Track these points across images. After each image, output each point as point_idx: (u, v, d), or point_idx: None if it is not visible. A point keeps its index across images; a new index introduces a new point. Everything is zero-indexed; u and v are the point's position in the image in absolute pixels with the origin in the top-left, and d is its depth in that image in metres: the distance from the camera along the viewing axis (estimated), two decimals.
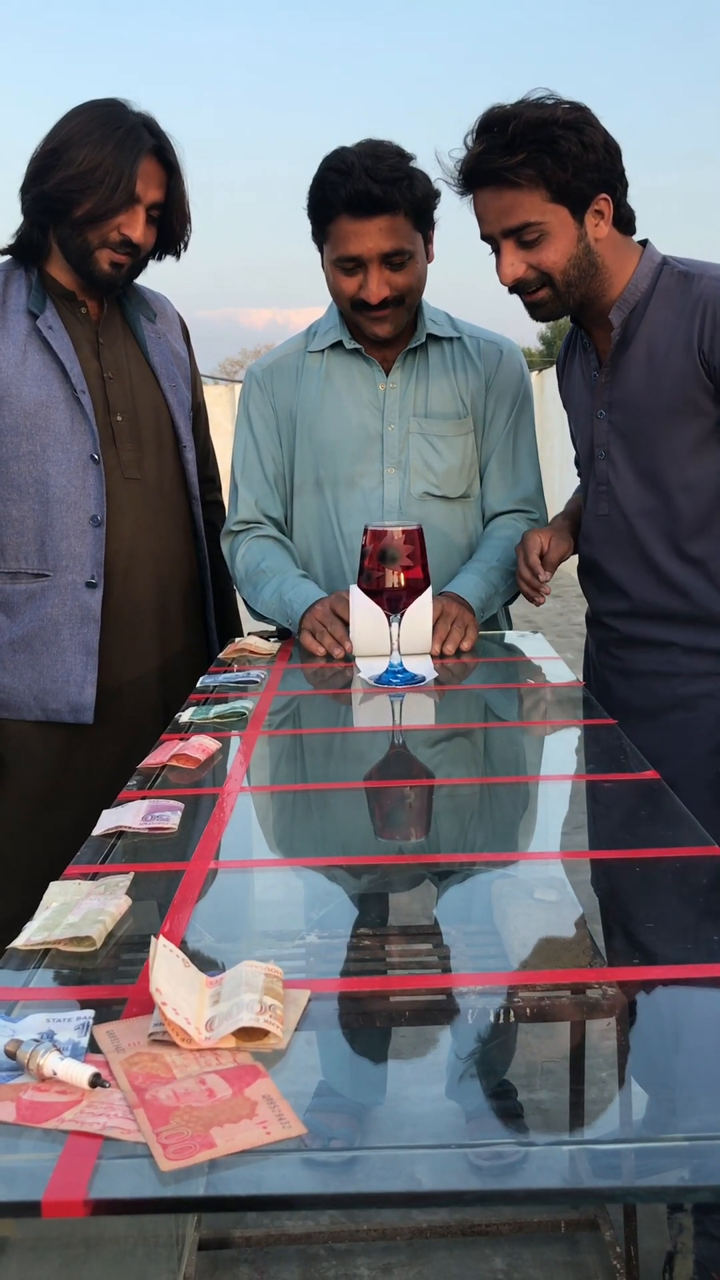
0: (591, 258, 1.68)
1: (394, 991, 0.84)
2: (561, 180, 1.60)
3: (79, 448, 1.85)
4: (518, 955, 0.88)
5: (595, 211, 1.65)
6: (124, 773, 1.36)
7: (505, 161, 1.59)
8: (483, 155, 1.61)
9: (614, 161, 1.65)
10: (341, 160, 1.85)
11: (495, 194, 1.64)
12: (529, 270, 1.67)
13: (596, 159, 1.61)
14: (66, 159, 1.73)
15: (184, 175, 1.88)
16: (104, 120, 1.76)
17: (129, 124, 1.77)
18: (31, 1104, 0.67)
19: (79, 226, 1.77)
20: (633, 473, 1.76)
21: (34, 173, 1.78)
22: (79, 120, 1.77)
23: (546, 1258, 1.86)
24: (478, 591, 2.00)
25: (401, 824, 1.26)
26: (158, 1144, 0.63)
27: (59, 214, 1.76)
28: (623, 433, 1.76)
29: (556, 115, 1.59)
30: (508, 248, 1.67)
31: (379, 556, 1.67)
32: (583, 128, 1.61)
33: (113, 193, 1.74)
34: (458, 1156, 0.63)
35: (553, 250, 1.65)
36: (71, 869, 1.05)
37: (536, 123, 1.58)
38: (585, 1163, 0.62)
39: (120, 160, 1.74)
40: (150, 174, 1.80)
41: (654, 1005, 0.82)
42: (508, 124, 1.59)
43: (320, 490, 2.08)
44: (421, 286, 1.98)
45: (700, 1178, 0.59)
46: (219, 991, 0.78)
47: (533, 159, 1.58)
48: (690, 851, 1.08)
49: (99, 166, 1.73)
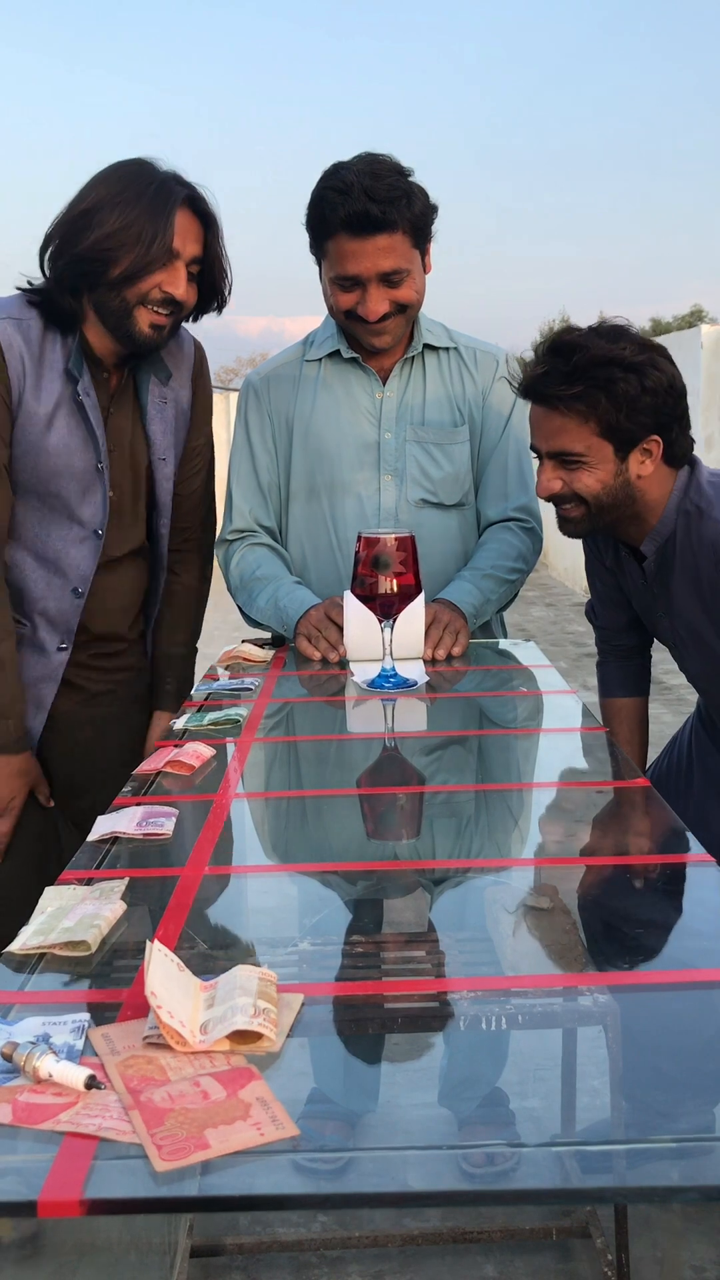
0: (630, 491, 1.68)
1: (387, 997, 0.84)
2: (612, 420, 1.61)
3: (89, 519, 1.81)
4: (510, 961, 0.89)
5: (643, 450, 1.66)
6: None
7: (561, 391, 1.61)
8: (543, 377, 1.64)
9: (675, 403, 1.66)
10: (340, 179, 1.85)
11: (547, 415, 1.66)
12: (565, 488, 1.69)
13: (655, 402, 1.62)
14: (98, 220, 1.66)
15: (220, 227, 1.80)
16: (133, 179, 1.70)
17: (159, 179, 1.71)
18: (28, 1105, 0.68)
19: (116, 286, 1.69)
20: (708, 655, 1.80)
21: (64, 238, 1.69)
22: (106, 182, 1.70)
23: (538, 1265, 1.86)
24: (471, 598, 2.02)
25: (394, 830, 1.27)
26: (153, 1145, 0.63)
27: (94, 276, 1.69)
28: (692, 634, 1.79)
29: (623, 356, 1.60)
30: (548, 465, 1.69)
31: (372, 563, 1.70)
32: (647, 370, 1.61)
33: (150, 247, 1.66)
34: (449, 1158, 0.64)
35: (590, 478, 1.66)
36: (67, 874, 1.06)
37: (601, 360, 1.60)
38: (575, 1164, 0.63)
39: (155, 214, 1.67)
40: (187, 228, 1.72)
41: (644, 1010, 0.82)
42: (573, 354, 1.61)
43: (317, 497, 2.09)
44: (420, 299, 1.99)
45: (689, 1178, 0.59)
46: (213, 995, 0.79)
47: (588, 394, 1.60)
48: (680, 858, 1.09)
49: (133, 223, 1.66)
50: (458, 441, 2.08)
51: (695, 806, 1.91)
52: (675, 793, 1.96)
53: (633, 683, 2.09)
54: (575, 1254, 1.87)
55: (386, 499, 2.06)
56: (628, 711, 2.08)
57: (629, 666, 2.09)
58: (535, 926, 0.95)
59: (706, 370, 10.32)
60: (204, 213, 1.75)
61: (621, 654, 2.08)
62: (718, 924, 0.94)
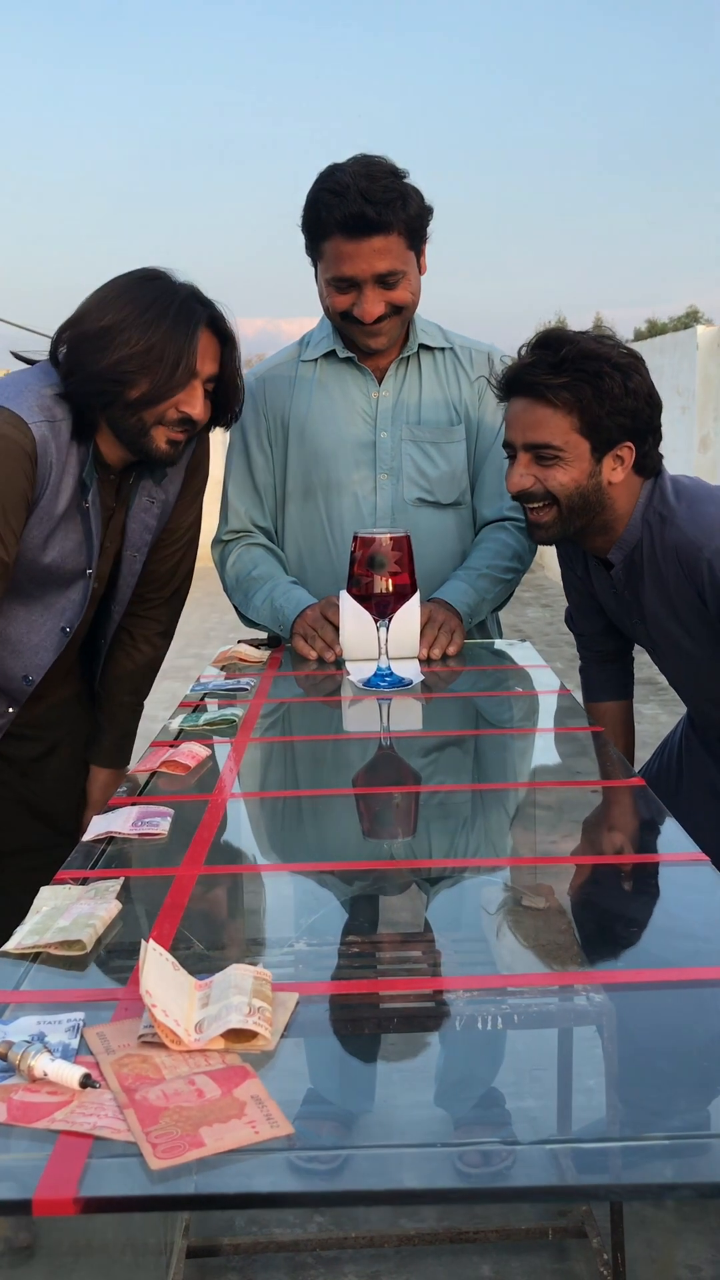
0: (600, 496, 1.68)
1: (382, 996, 0.84)
2: (595, 415, 1.62)
3: (65, 613, 1.77)
4: (505, 961, 0.89)
5: (616, 456, 1.66)
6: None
7: (548, 379, 1.62)
8: (529, 366, 1.65)
9: (653, 413, 1.67)
10: (336, 181, 1.86)
11: (528, 406, 1.66)
12: (537, 484, 1.68)
13: (634, 406, 1.63)
14: (119, 341, 1.59)
15: (239, 345, 1.75)
16: (153, 298, 1.62)
17: (180, 298, 1.64)
18: (22, 1104, 0.68)
19: (134, 407, 1.63)
20: (684, 658, 1.80)
21: (81, 353, 1.62)
22: (124, 299, 1.62)
23: (534, 1265, 1.86)
24: (466, 598, 2.02)
25: (390, 830, 1.27)
26: (147, 1143, 0.63)
27: (111, 396, 1.62)
28: (667, 639, 1.79)
29: (610, 354, 1.63)
30: (523, 459, 1.68)
31: (367, 563, 1.70)
32: (631, 374, 1.63)
33: (173, 372, 1.61)
34: (444, 1157, 0.64)
35: (564, 475, 1.65)
36: (62, 874, 1.06)
37: (590, 354, 1.62)
38: (570, 1162, 0.63)
39: (177, 337, 1.61)
40: (207, 348, 1.67)
41: (639, 1008, 0.83)
42: (562, 346, 1.63)
43: (313, 497, 2.09)
44: (415, 300, 1.99)
45: (683, 1175, 0.59)
46: (208, 994, 0.79)
47: (574, 385, 1.61)
48: (675, 857, 1.09)
49: (154, 346, 1.59)
50: (454, 441, 2.09)
51: (684, 807, 1.91)
52: (666, 794, 1.96)
53: (615, 686, 2.10)
54: (571, 1254, 1.87)
55: (382, 498, 2.06)
56: (612, 715, 2.09)
57: (610, 670, 2.09)
58: (530, 926, 0.95)
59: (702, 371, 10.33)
60: (223, 332, 1.70)
61: (602, 658, 2.08)
62: (712, 923, 0.94)
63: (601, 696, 2.10)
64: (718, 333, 10.31)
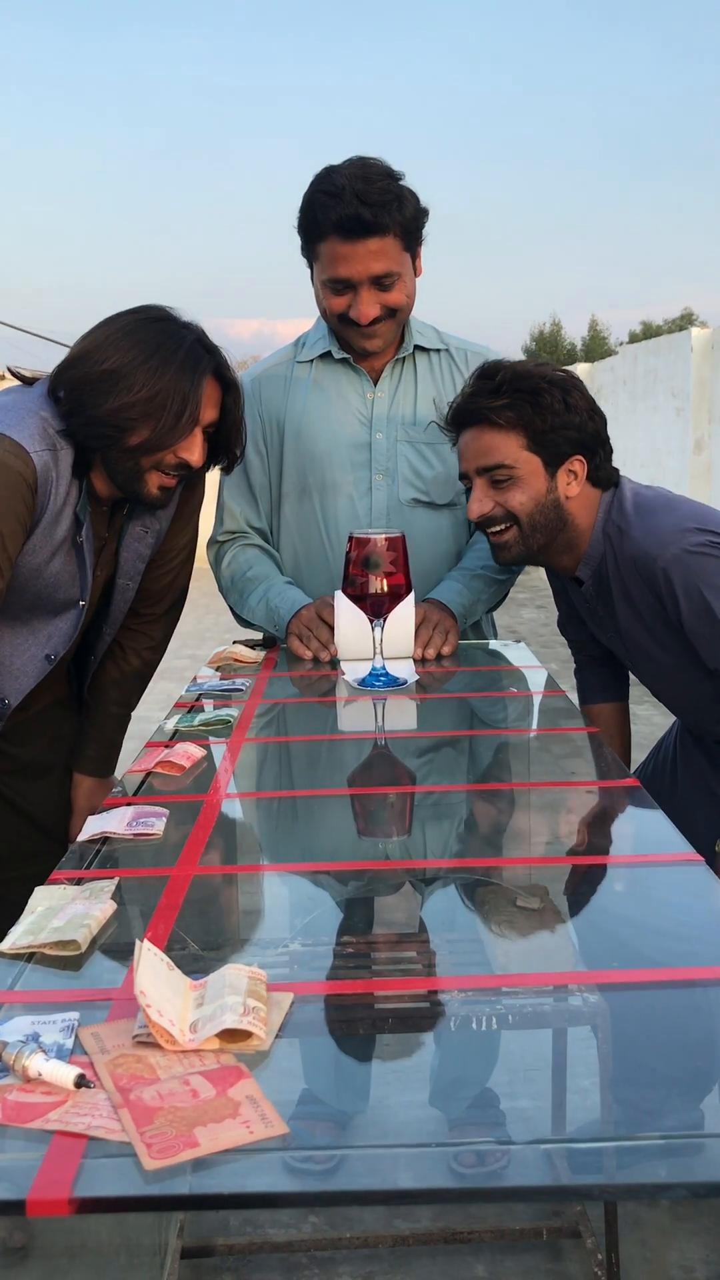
0: (560, 512, 1.72)
1: (377, 996, 0.84)
2: (539, 431, 1.68)
3: (51, 640, 1.76)
4: (500, 961, 0.89)
5: (569, 470, 1.71)
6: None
7: (489, 403, 1.69)
8: (470, 397, 1.73)
9: (597, 427, 1.73)
10: (332, 183, 1.86)
11: (476, 434, 1.73)
12: (496, 507, 1.72)
13: (577, 420, 1.69)
14: (122, 386, 1.56)
15: (241, 391, 1.73)
16: (158, 343, 1.59)
17: (185, 345, 1.60)
18: (17, 1104, 0.68)
19: (133, 453, 1.61)
20: (657, 668, 1.81)
21: (82, 395, 1.58)
22: (128, 342, 1.58)
23: (528, 1265, 1.86)
24: (460, 598, 2.03)
25: (385, 830, 1.27)
26: (142, 1143, 0.63)
27: (110, 440, 1.60)
28: (640, 649, 1.80)
29: (545, 373, 1.71)
30: (479, 485, 1.73)
31: (362, 563, 1.71)
32: (569, 389, 1.70)
33: (176, 421, 1.58)
34: (439, 1158, 0.64)
35: (520, 494, 1.70)
36: (57, 874, 1.06)
37: (524, 374, 1.70)
38: (565, 1162, 0.63)
39: (182, 385, 1.58)
40: (210, 395, 1.65)
41: (633, 1008, 0.83)
42: (497, 373, 1.71)
43: (308, 497, 2.09)
44: (411, 303, 2.00)
45: (677, 1175, 0.60)
46: (203, 994, 0.79)
47: (515, 404, 1.68)
48: (669, 857, 1.09)
49: (158, 394, 1.56)
50: (449, 441, 2.09)
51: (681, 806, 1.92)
52: (661, 794, 1.97)
53: (610, 688, 2.11)
54: (565, 1254, 1.87)
55: (378, 499, 2.06)
56: (607, 716, 2.09)
57: (604, 672, 2.10)
58: (525, 926, 0.95)
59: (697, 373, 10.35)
60: (226, 379, 1.68)
61: (596, 661, 2.09)
62: (706, 923, 0.94)
63: (597, 698, 2.10)
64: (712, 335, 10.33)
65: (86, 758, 1.95)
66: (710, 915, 0.96)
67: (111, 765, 1.98)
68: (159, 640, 2.00)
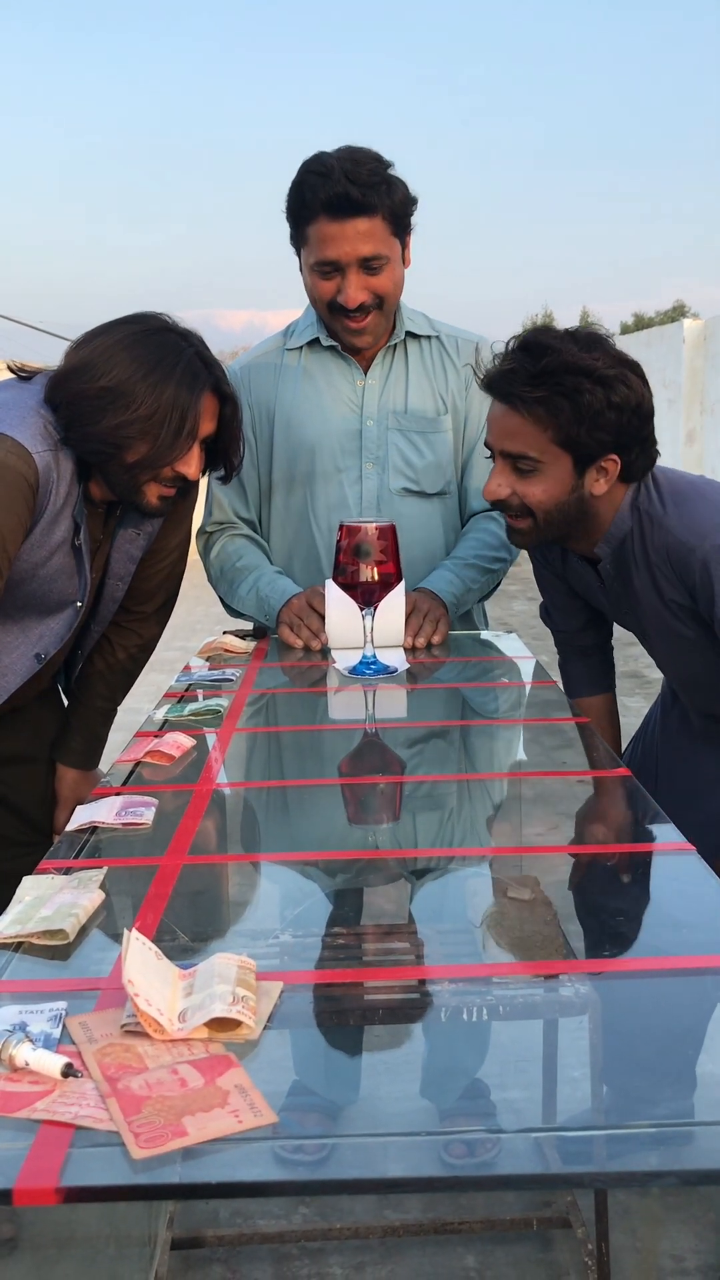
0: (582, 507, 1.62)
1: (367, 987, 0.84)
2: (572, 432, 1.54)
3: (42, 640, 1.75)
4: (491, 952, 0.89)
5: (599, 468, 1.58)
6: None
7: (524, 391, 1.54)
8: (508, 374, 1.56)
9: (641, 424, 1.58)
10: (321, 163, 1.86)
11: (506, 413, 1.58)
12: (512, 495, 1.61)
13: (618, 420, 1.54)
14: (121, 403, 1.54)
15: (240, 404, 1.72)
16: (157, 358, 1.56)
17: (184, 359, 1.58)
18: (3, 1094, 0.67)
19: (130, 469, 1.60)
20: (677, 639, 1.76)
21: (80, 410, 1.56)
22: (127, 356, 1.56)
23: (519, 1255, 1.86)
24: (451, 587, 2.02)
25: (375, 820, 1.26)
26: (130, 1133, 0.63)
27: (107, 456, 1.58)
28: (660, 622, 1.74)
29: (595, 366, 1.53)
30: (501, 465, 1.62)
31: (353, 552, 1.70)
32: (616, 386, 1.53)
33: (174, 438, 1.57)
34: (429, 1147, 0.64)
35: (541, 488, 1.59)
36: (45, 863, 1.05)
37: (571, 368, 1.52)
38: (555, 1151, 0.63)
39: (180, 403, 1.56)
40: (208, 409, 1.63)
41: (624, 997, 0.82)
42: (543, 356, 1.54)
43: (299, 486, 2.08)
44: (398, 291, 1.99)
45: (667, 1163, 0.59)
46: (192, 984, 0.78)
47: (551, 400, 1.53)
48: (660, 846, 1.09)
49: (155, 413, 1.55)
50: (440, 430, 2.08)
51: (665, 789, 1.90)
52: (648, 778, 1.95)
53: (597, 680, 2.07)
54: (556, 1244, 1.88)
55: (368, 487, 2.06)
56: (596, 708, 2.07)
57: (591, 664, 2.06)
58: (515, 916, 0.95)
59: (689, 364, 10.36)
60: (225, 393, 1.66)
61: (582, 653, 2.05)
62: (696, 912, 0.94)
63: (585, 691, 2.09)
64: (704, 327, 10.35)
65: (71, 750, 1.94)
66: (701, 904, 0.95)
67: (96, 758, 1.97)
68: (149, 638, 1.99)
